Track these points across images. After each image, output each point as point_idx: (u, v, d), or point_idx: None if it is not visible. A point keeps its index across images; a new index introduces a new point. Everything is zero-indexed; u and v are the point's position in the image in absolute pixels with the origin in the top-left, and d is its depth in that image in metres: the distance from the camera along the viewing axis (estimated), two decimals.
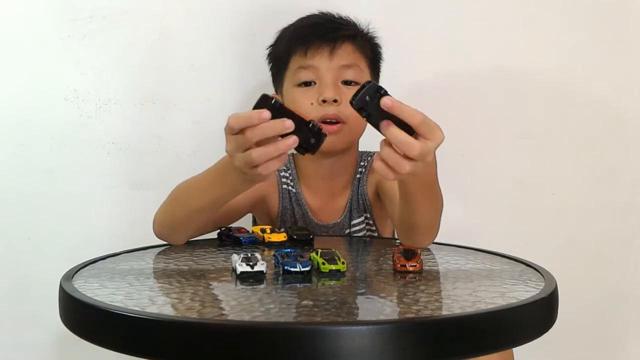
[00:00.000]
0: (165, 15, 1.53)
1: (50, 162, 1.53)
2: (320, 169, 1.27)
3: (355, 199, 1.27)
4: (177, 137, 1.55)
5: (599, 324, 1.62)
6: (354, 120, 1.19)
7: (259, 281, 0.80)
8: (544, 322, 0.73)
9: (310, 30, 1.23)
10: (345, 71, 1.21)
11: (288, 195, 1.28)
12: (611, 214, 1.60)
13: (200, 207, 1.03)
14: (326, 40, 1.21)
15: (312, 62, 1.20)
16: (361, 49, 1.25)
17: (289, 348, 0.60)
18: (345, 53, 1.22)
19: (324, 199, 1.29)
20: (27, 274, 1.54)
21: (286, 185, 1.28)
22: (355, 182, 1.28)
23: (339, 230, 1.27)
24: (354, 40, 1.24)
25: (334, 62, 1.21)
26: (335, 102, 1.19)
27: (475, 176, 1.59)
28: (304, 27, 1.25)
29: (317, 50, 1.21)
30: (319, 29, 1.23)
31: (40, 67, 1.52)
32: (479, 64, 1.56)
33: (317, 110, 1.18)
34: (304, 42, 1.22)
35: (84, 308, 0.70)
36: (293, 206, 1.28)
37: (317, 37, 1.21)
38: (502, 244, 1.05)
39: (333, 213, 1.28)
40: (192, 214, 1.05)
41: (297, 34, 1.24)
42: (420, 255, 0.87)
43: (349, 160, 1.28)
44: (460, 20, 1.56)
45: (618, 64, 1.57)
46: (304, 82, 1.21)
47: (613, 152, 1.59)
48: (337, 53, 1.21)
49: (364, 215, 1.27)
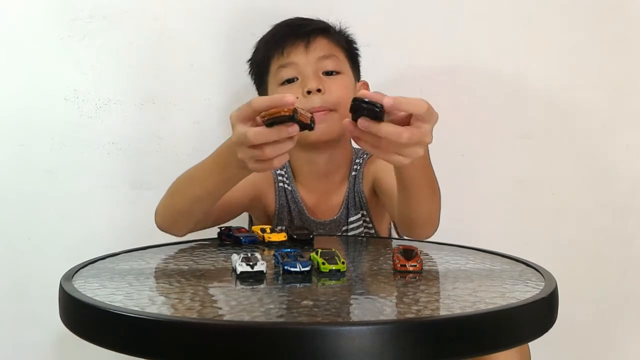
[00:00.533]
0: (165, 15, 1.53)
1: (50, 162, 1.53)
2: (314, 166, 1.28)
3: (351, 196, 1.27)
4: (177, 137, 1.55)
5: (599, 324, 1.62)
6: (342, 106, 1.20)
7: (259, 281, 0.80)
8: (544, 322, 0.73)
9: (283, 30, 1.27)
10: (323, 62, 1.24)
11: (284, 193, 1.28)
12: (611, 214, 1.60)
13: (199, 197, 1.03)
14: (300, 35, 1.24)
15: (290, 59, 1.23)
16: (336, 40, 1.28)
17: (289, 348, 0.60)
18: (321, 45, 1.25)
19: (320, 196, 1.29)
20: (27, 274, 1.54)
21: (282, 184, 1.29)
22: (351, 179, 1.28)
23: (336, 227, 1.27)
24: (327, 32, 1.28)
25: (310, 55, 1.23)
26: (319, 91, 1.21)
27: (475, 176, 1.59)
28: (277, 30, 1.29)
29: (292, 46, 1.24)
30: (292, 28, 1.27)
31: (40, 67, 1.52)
32: (479, 64, 1.56)
33: (304, 104, 1.19)
34: (280, 42, 1.25)
35: (84, 308, 0.70)
36: (289, 204, 1.28)
37: (291, 34, 1.25)
38: (502, 244, 1.05)
39: (329, 210, 1.28)
40: (192, 204, 1.05)
41: (272, 37, 1.28)
42: (420, 255, 0.87)
43: (343, 156, 1.29)
44: (460, 20, 1.56)
45: (618, 64, 1.57)
46: (287, 80, 1.24)
47: (613, 152, 1.59)
48: (312, 46, 1.24)
49: (361, 213, 1.28)
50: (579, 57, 1.57)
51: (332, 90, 1.22)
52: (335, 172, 1.29)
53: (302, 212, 1.27)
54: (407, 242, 1.12)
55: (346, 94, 1.22)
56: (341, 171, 1.29)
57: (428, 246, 1.06)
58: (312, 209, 1.28)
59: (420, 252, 0.88)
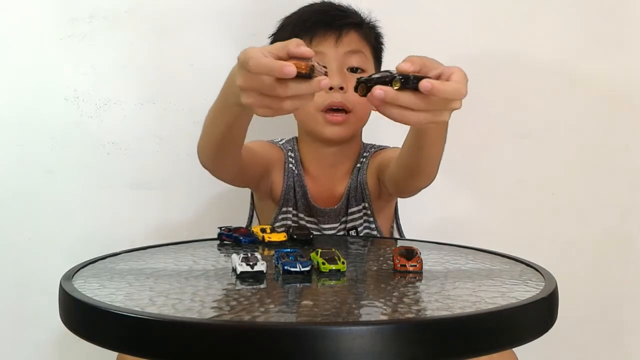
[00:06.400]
0: (165, 15, 1.54)
1: (50, 162, 1.53)
2: (322, 157, 1.29)
3: (354, 186, 1.28)
4: (177, 137, 1.55)
5: (599, 324, 1.62)
6: (360, 107, 1.20)
7: (259, 281, 0.80)
8: (544, 322, 0.73)
9: (316, 17, 1.24)
10: (350, 57, 1.22)
11: (292, 175, 1.29)
12: (611, 214, 1.60)
13: (220, 138, 1.00)
14: (332, 27, 1.22)
15: (318, 49, 1.21)
16: (365, 36, 1.26)
17: (289, 348, 0.60)
18: (351, 40, 1.23)
19: (324, 184, 1.30)
20: (27, 274, 1.54)
21: (291, 165, 1.29)
22: (355, 171, 1.29)
23: (336, 216, 1.28)
24: (360, 28, 1.25)
25: (339, 48, 1.22)
26: (341, 89, 1.20)
27: (475, 176, 1.59)
28: (309, 14, 1.25)
29: (323, 37, 1.21)
30: (325, 17, 1.23)
31: (40, 67, 1.52)
32: (479, 64, 1.56)
33: (323, 98, 1.19)
34: (310, 29, 1.22)
35: (84, 308, 0.70)
36: (295, 187, 1.28)
37: (324, 24, 1.22)
38: (502, 244, 1.05)
39: (331, 199, 1.29)
40: (217, 145, 1.02)
41: (303, 22, 1.24)
42: (420, 255, 0.87)
43: (352, 149, 1.30)
44: (460, 19, 1.56)
45: (618, 64, 1.57)
46: None
47: (613, 152, 1.59)
48: (343, 40, 1.22)
49: (362, 205, 1.28)
50: (580, 56, 1.57)
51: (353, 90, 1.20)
52: (342, 165, 1.30)
53: (306, 196, 1.28)
54: (407, 242, 1.12)
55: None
56: (347, 164, 1.30)
57: (428, 246, 1.06)
58: (314, 195, 1.28)
59: (420, 252, 0.88)
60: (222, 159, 1.06)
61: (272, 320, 0.65)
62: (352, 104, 1.21)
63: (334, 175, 1.30)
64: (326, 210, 1.28)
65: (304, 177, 1.29)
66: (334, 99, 1.19)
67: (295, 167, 1.29)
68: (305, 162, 1.30)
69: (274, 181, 1.28)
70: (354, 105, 1.21)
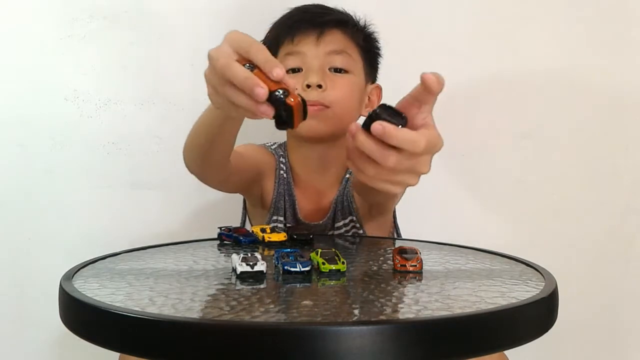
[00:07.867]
0: (165, 15, 1.54)
1: (50, 162, 1.53)
2: (308, 159, 1.25)
3: (340, 200, 1.24)
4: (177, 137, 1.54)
5: (599, 324, 1.62)
6: (339, 106, 1.17)
7: (259, 281, 0.80)
8: (544, 322, 0.73)
9: (298, 16, 1.22)
10: (333, 57, 1.18)
11: (283, 182, 1.26)
12: (611, 214, 1.60)
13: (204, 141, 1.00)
14: (313, 25, 1.18)
15: (298, 48, 1.18)
16: (352, 36, 1.21)
17: (289, 348, 0.60)
18: (334, 39, 1.19)
19: (312, 194, 1.26)
20: (27, 274, 1.54)
21: (282, 172, 1.26)
22: (344, 182, 1.25)
23: (322, 230, 1.24)
24: (344, 26, 1.21)
25: (320, 48, 1.18)
26: (319, 87, 1.16)
27: (475, 176, 1.59)
28: (293, 14, 1.23)
29: (304, 35, 1.18)
30: (306, 15, 1.21)
31: (40, 67, 1.52)
32: (479, 64, 1.56)
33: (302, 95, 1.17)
34: (292, 28, 1.19)
35: (84, 308, 0.70)
36: (285, 195, 1.25)
37: (305, 22, 1.19)
38: (502, 244, 1.05)
39: (318, 212, 1.25)
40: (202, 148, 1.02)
41: (285, 22, 1.22)
42: (420, 255, 0.87)
43: (339, 152, 1.23)
44: (460, 20, 1.56)
45: (618, 64, 1.57)
46: (291, 69, 1.18)
47: (613, 152, 1.59)
48: (324, 39, 1.18)
49: (349, 218, 1.24)
50: (580, 56, 1.57)
51: (333, 88, 1.17)
52: (328, 171, 1.26)
53: (294, 208, 1.25)
54: (407, 243, 1.12)
55: (348, 94, 1.18)
56: (334, 171, 1.26)
57: (428, 246, 1.06)
58: (302, 207, 1.25)
59: (420, 252, 0.88)
60: (208, 165, 1.05)
61: (272, 320, 0.65)
62: (330, 102, 1.16)
63: (324, 181, 1.26)
64: (311, 225, 1.24)
65: (293, 185, 1.25)
66: (311, 97, 1.14)
67: (286, 174, 1.26)
68: (295, 168, 1.27)
69: (264, 188, 1.26)
70: (332, 103, 1.16)
